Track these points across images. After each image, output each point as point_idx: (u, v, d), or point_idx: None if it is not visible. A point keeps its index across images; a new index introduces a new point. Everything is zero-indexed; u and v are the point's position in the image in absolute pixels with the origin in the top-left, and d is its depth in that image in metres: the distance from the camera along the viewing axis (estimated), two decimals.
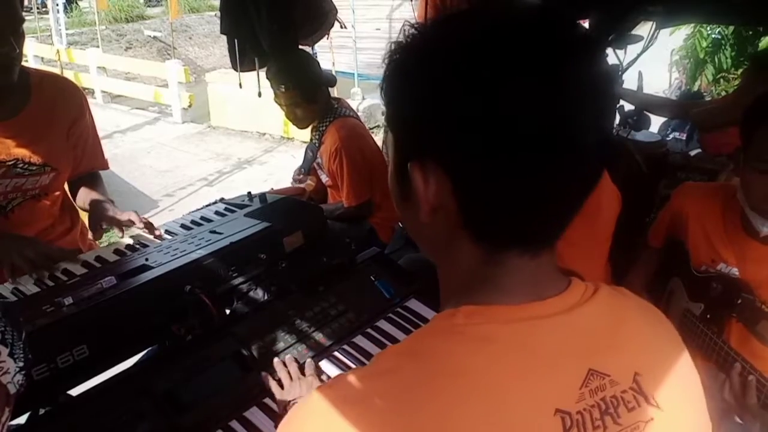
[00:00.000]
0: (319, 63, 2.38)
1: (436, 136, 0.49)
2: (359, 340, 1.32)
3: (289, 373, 1.17)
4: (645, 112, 2.61)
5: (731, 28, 5.36)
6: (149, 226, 1.53)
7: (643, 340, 0.57)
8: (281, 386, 1.15)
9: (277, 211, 1.60)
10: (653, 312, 0.62)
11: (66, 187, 1.73)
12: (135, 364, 1.26)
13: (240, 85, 2.61)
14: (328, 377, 1.21)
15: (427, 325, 0.56)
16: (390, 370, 0.51)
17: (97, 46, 10.21)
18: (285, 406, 1.11)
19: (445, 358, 0.50)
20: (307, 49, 2.69)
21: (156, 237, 1.51)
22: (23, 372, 0.82)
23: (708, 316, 1.41)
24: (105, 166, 1.79)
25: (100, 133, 1.81)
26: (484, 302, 0.53)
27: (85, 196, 1.67)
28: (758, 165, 1.27)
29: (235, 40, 2.40)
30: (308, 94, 2.25)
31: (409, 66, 0.51)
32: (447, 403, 0.47)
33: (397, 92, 0.53)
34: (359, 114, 2.93)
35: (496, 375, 0.49)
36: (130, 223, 1.52)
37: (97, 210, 1.58)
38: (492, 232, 0.52)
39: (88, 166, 1.73)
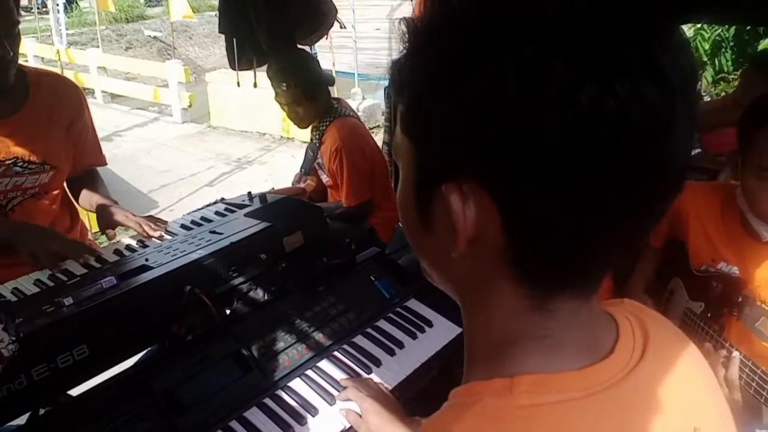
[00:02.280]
0: (318, 62, 2.38)
1: (481, 147, 0.38)
2: (359, 340, 1.32)
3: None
4: None
5: (731, 30, 5.37)
6: (159, 225, 1.54)
7: (693, 388, 0.51)
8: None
9: (277, 211, 1.60)
10: (683, 338, 0.55)
11: (64, 185, 1.74)
12: (135, 364, 1.26)
13: (238, 83, 2.62)
14: (331, 379, 1.21)
15: (472, 403, 0.43)
16: None
17: (97, 46, 10.23)
18: None
19: None
20: (306, 48, 2.69)
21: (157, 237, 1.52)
22: (16, 344, 0.90)
23: (708, 314, 1.41)
24: (103, 162, 1.81)
25: (100, 133, 1.81)
26: (542, 369, 0.43)
27: (89, 198, 1.68)
28: (758, 172, 1.26)
29: (234, 40, 2.40)
30: (309, 92, 2.26)
31: (446, 48, 0.39)
32: None
33: (425, 85, 0.40)
34: (359, 114, 2.93)
35: None
36: (139, 227, 1.52)
37: (106, 215, 1.59)
38: (547, 272, 0.42)
39: (87, 163, 1.74)
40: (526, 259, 0.41)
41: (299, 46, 2.49)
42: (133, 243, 1.49)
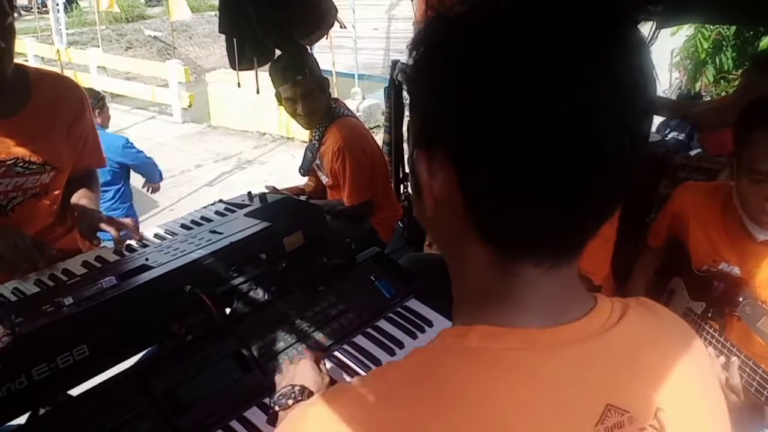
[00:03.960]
0: (317, 63, 2.37)
1: (445, 124, 0.47)
2: (359, 340, 1.32)
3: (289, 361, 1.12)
4: None
5: (732, 29, 5.36)
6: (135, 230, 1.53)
7: (669, 372, 0.52)
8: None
9: (277, 211, 1.60)
10: (684, 334, 0.58)
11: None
12: (135, 364, 1.26)
13: (239, 84, 2.61)
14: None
15: (435, 341, 0.51)
16: (395, 390, 0.48)
17: (98, 46, 10.23)
18: (278, 392, 1.02)
19: (455, 381, 0.46)
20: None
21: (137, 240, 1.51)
22: (11, 336, 0.97)
23: (709, 314, 1.42)
24: (102, 163, 1.80)
25: None
26: (500, 323, 0.49)
27: (76, 198, 1.66)
28: (750, 175, 1.27)
29: (234, 39, 2.40)
30: (322, 83, 2.26)
31: (427, 55, 0.49)
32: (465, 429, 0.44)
33: (413, 82, 0.51)
34: (359, 114, 2.93)
35: (505, 407, 0.45)
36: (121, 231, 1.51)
37: (88, 217, 1.57)
38: (501, 235, 0.48)
39: (87, 163, 1.73)
40: (482, 223, 0.48)
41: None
42: (134, 243, 1.49)
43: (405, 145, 2.77)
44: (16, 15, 1.44)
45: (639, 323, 0.53)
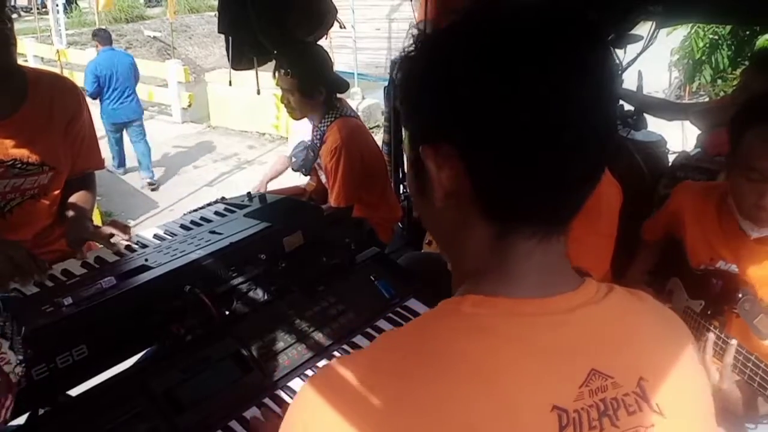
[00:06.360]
0: (330, 64, 2.35)
1: (451, 121, 0.53)
2: (359, 340, 1.32)
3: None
4: (644, 114, 2.61)
5: (728, 28, 5.36)
6: (126, 230, 1.52)
7: (652, 347, 0.57)
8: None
9: (277, 211, 1.60)
10: (669, 319, 0.62)
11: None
12: (134, 364, 1.26)
13: (230, 82, 2.61)
14: None
15: (433, 309, 0.58)
16: (396, 347, 0.54)
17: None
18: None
19: (448, 342, 0.51)
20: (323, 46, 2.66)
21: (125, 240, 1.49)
22: (23, 365, 0.89)
23: (709, 312, 1.42)
24: (100, 165, 1.79)
25: (100, 134, 1.80)
26: (491, 293, 0.54)
27: (72, 201, 1.66)
28: (744, 173, 1.28)
29: (234, 39, 2.40)
30: (305, 88, 2.25)
31: (427, 63, 0.55)
32: (448, 385, 0.48)
33: (414, 86, 0.57)
34: (359, 114, 2.92)
35: (495, 365, 0.50)
36: (110, 236, 1.49)
37: (73, 231, 1.56)
38: (502, 207, 0.54)
39: (84, 165, 1.72)
40: (487, 200, 0.54)
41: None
42: (133, 243, 1.49)
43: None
44: (15, 16, 1.44)
45: (623, 302, 0.58)
